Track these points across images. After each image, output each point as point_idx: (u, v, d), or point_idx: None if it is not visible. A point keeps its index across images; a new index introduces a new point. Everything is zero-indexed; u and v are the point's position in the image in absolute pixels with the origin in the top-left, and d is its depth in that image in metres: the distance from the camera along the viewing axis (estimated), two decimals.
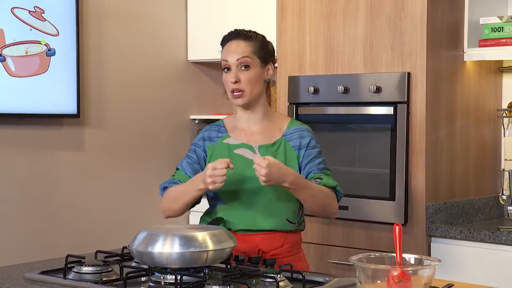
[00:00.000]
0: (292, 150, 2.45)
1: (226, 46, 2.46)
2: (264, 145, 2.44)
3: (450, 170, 3.30)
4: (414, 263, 1.77)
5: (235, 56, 2.41)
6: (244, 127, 2.49)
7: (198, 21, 4.33)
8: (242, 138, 2.48)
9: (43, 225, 3.74)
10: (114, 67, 4.03)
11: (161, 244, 1.99)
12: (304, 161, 2.44)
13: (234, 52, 2.42)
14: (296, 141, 2.46)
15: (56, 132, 3.79)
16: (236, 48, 2.42)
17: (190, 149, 2.54)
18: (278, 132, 2.48)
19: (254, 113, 2.48)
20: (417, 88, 3.17)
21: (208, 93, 4.45)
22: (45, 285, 2.03)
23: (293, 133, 2.48)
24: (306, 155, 2.45)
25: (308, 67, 3.51)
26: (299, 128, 2.49)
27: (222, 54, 2.46)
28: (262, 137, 2.47)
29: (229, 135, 2.49)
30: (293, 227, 2.43)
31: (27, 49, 3.61)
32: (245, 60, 2.41)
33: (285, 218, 2.41)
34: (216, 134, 2.51)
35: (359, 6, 3.34)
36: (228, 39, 2.46)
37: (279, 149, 2.44)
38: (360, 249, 3.26)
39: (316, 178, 2.41)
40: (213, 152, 2.48)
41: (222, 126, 2.53)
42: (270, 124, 2.50)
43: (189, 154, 2.52)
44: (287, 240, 2.42)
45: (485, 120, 3.49)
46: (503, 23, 3.28)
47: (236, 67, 2.41)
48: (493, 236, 3.01)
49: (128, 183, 4.07)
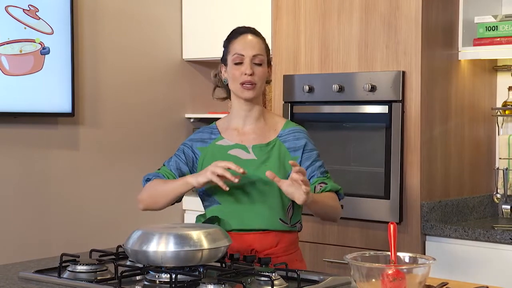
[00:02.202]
0: (287, 152, 2.44)
1: (239, 39, 2.44)
2: (258, 144, 2.44)
3: (445, 169, 3.30)
4: (409, 261, 1.77)
5: (252, 51, 2.41)
6: (238, 126, 2.48)
7: (193, 19, 4.33)
8: (235, 138, 2.47)
9: (37, 224, 3.73)
10: (109, 65, 4.02)
11: (155, 243, 1.99)
12: (304, 164, 2.44)
13: (251, 47, 2.41)
14: (291, 142, 2.45)
15: (51, 131, 3.79)
16: (252, 43, 2.42)
17: (178, 148, 2.52)
18: (273, 132, 2.47)
19: (252, 111, 2.47)
20: (412, 87, 3.17)
21: (203, 92, 4.44)
22: (39, 284, 2.03)
23: (288, 135, 2.47)
24: (306, 158, 2.44)
25: (303, 66, 3.51)
26: (294, 129, 2.49)
27: (235, 47, 2.43)
28: (256, 136, 2.46)
29: (222, 137, 2.48)
30: (287, 227, 2.42)
31: (21, 48, 3.60)
32: (260, 58, 2.42)
33: (278, 217, 2.40)
34: (208, 135, 2.50)
35: (353, 5, 3.34)
36: (242, 32, 2.45)
37: (273, 149, 2.43)
38: (355, 248, 3.26)
39: (320, 183, 2.42)
40: (206, 154, 2.47)
41: (214, 128, 2.52)
42: (264, 124, 2.49)
43: (177, 153, 2.51)
44: (282, 240, 2.41)
45: (479, 119, 3.49)
46: (497, 22, 3.29)
47: (250, 62, 2.40)
48: (488, 235, 3.01)
49: (123, 182, 4.07)
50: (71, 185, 3.87)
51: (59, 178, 3.82)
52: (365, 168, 3.33)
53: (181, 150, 2.51)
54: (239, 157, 2.42)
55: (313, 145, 2.48)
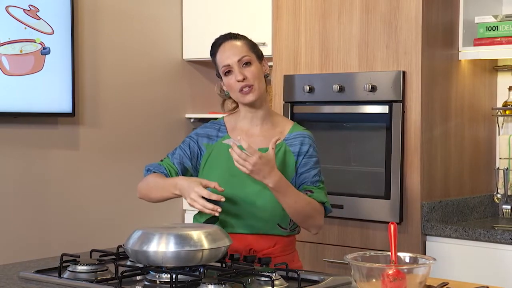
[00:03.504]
0: (292, 156, 2.42)
1: (220, 50, 2.43)
2: (264, 148, 2.40)
3: (445, 169, 3.30)
4: (409, 261, 1.77)
5: (234, 57, 2.39)
6: (245, 127, 2.47)
7: (193, 19, 4.33)
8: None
9: (37, 224, 3.73)
10: (110, 65, 4.02)
11: (156, 243, 1.99)
12: (300, 169, 2.42)
13: (232, 53, 2.40)
14: (296, 147, 2.43)
15: (51, 131, 3.79)
16: (232, 49, 2.41)
17: (184, 140, 2.50)
18: (279, 135, 2.44)
19: (258, 112, 2.45)
20: (412, 87, 3.17)
21: (203, 92, 4.44)
22: (40, 284, 2.03)
23: (294, 139, 2.45)
24: (303, 163, 2.42)
25: (303, 66, 3.51)
26: (301, 134, 2.47)
27: (219, 60, 2.43)
28: (263, 139, 2.44)
29: (229, 136, 2.46)
30: (284, 233, 2.41)
31: (21, 48, 3.60)
32: (246, 58, 2.40)
33: (276, 223, 2.39)
34: (216, 133, 2.48)
35: (354, 5, 3.34)
36: (220, 43, 2.44)
37: (279, 153, 2.41)
38: (355, 248, 3.26)
39: (307, 191, 2.39)
40: (212, 152, 2.46)
41: (222, 125, 2.51)
42: (271, 126, 2.47)
43: (182, 146, 2.49)
44: (279, 241, 2.41)
45: (479, 119, 3.50)
46: (498, 22, 3.29)
47: (238, 67, 2.39)
48: (488, 235, 3.01)
49: (123, 182, 4.07)
50: (71, 185, 3.87)
51: (59, 178, 3.82)
52: (365, 168, 3.33)
53: (186, 144, 2.49)
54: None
55: (315, 151, 2.46)
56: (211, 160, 2.43)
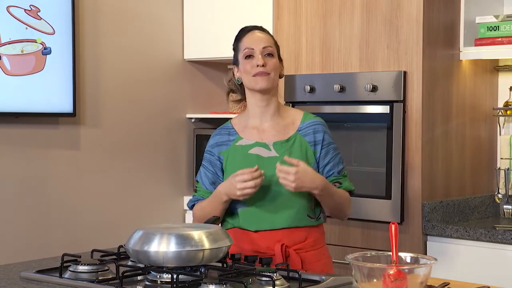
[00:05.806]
0: (309, 146, 2.43)
1: (247, 35, 2.45)
2: (278, 141, 2.42)
3: (446, 169, 3.30)
4: (410, 261, 1.77)
5: (261, 44, 2.42)
6: (256, 124, 2.47)
7: (194, 19, 4.32)
8: (254, 136, 2.45)
9: (38, 224, 3.73)
10: (110, 65, 4.02)
11: (157, 243, 1.99)
12: (322, 161, 2.44)
13: (259, 40, 2.43)
14: (311, 136, 2.45)
15: (52, 131, 3.79)
16: (261, 37, 2.45)
17: (204, 157, 2.51)
18: (292, 127, 2.46)
19: (268, 107, 2.46)
20: (413, 87, 3.17)
21: (204, 92, 4.44)
22: (41, 284, 2.03)
23: (307, 128, 2.46)
24: (324, 153, 2.44)
25: (304, 66, 3.51)
26: (313, 121, 2.48)
27: (243, 43, 2.45)
28: (276, 133, 2.44)
29: (241, 137, 2.46)
30: (314, 222, 2.43)
31: (23, 48, 3.60)
32: (270, 49, 2.43)
33: (306, 214, 2.40)
34: (227, 137, 2.48)
35: (355, 5, 3.34)
36: (249, 29, 2.48)
37: (295, 144, 2.42)
38: (356, 248, 3.27)
39: (335, 182, 2.44)
40: (228, 156, 2.45)
41: (231, 128, 2.50)
42: (282, 119, 2.48)
43: (205, 164, 2.50)
44: (310, 235, 2.42)
45: (481, 119, 3.49)
46: (499, 22, 3.29)
47: (261, 54, 2.41)
48: (489, 235, 3.01)
49: (124, 182, 4.07)
50: (72, 184, 3.87)
51: (60, 178, 3.82)
52: (367, 168, 3.33)
53: (207, 160, 2.50)
54: (260, 155, 2.41)
55: (330, 137, 2.49)
56: (229, 165, 2.44)
